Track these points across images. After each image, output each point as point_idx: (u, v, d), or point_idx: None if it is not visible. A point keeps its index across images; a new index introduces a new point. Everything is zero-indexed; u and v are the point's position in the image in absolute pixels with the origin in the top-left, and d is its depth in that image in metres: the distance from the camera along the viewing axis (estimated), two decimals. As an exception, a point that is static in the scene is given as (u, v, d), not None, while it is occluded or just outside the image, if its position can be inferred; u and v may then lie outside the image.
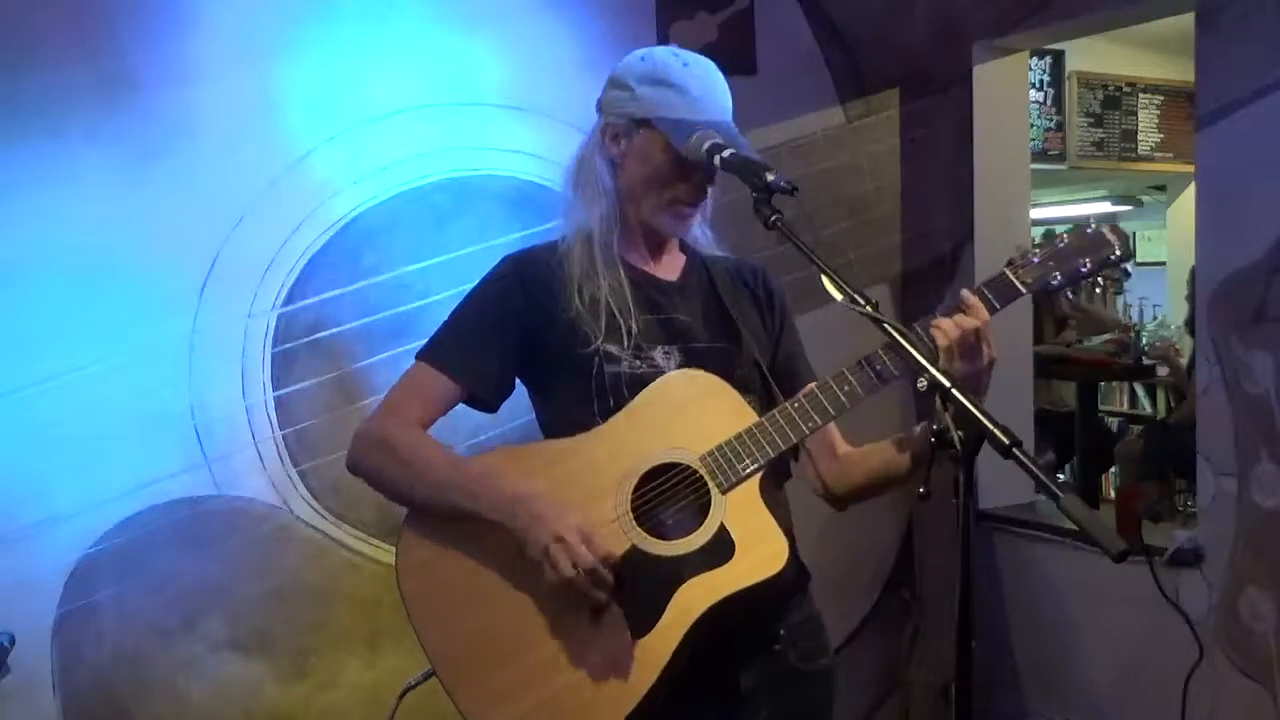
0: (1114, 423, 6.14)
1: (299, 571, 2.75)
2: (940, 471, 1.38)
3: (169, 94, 2.58)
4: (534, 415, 1.76)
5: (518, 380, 1.73)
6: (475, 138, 2.89)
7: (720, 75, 1.69)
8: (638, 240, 1.72)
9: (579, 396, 1.63)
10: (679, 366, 1.65)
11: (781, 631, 1.68)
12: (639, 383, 1.62)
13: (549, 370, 1.69)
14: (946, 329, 1.55)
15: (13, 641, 2.41)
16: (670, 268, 1.75)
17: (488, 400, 1.70)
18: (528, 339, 1.67)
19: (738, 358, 1.69)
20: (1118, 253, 1.65)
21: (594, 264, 1.65)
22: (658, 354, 1.65)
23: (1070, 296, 4.50)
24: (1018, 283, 1.61)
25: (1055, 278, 1.63)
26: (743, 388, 1.66)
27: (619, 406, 1.61)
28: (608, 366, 1.62)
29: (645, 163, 1.65)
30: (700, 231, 1.77)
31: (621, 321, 1.62)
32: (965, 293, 1.59)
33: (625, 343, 1.63)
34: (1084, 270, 1.64)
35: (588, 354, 1.62)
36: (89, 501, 2.53)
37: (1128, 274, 6.43)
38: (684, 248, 1.78)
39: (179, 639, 2.63)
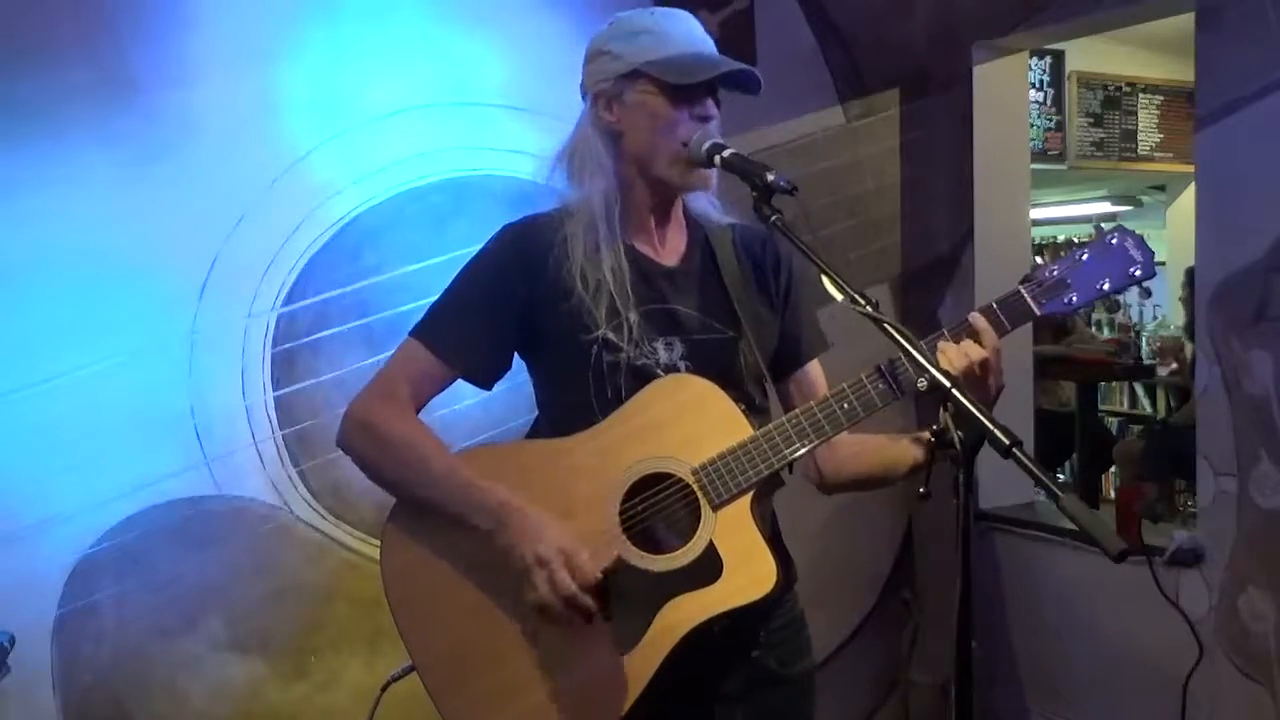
0: (1114, 423, 6.15)
1: (299, 571, 2.74)
2: (940, 471, 1.37)
3: (169, 94, 2.58)
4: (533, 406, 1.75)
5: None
6: (475, 138, 2.89)
7: (690, 16, 1.67)
8: (643, 219, 1.67)
9: (577, 381, 1.61)
10: (681, 358, 1.62)
11: (761, 637, 1.67)
12: (638, 374, 1.59)
13: (547, 352, 1.66)
14: (952, 357, 1.48)
15: (13, 641, 2.41)
16: (674, 249, 1.70)
17: (482, 381, 1.68)
18: (526, 319, 1.64)
19: (740, 346, 1.66)
20: (1140, 271, 1.57)
21: (597, 243, 1.61)
22: (659, 345, 1.62)
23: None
24: (1033, 303, 1.54)
25: (1072, 298, 1.56)
26: (748, 378, 1.65)
27: (616, 395, 1.59)
28: (607, 355, 1.60)
29: (646, 113, 1.61)
30: (709, 202, 1.71)
31: (622, 312, 1.59)
32: (975, 316, 1.53)
33: (626, 333, 1.60)
34: (1103, 290, 1.57)
35: (587, 341, 1.60)
36: (89, 501, 2.52)
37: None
38: (689, 222, 1.73)
39: (179, 639, 2.63)
